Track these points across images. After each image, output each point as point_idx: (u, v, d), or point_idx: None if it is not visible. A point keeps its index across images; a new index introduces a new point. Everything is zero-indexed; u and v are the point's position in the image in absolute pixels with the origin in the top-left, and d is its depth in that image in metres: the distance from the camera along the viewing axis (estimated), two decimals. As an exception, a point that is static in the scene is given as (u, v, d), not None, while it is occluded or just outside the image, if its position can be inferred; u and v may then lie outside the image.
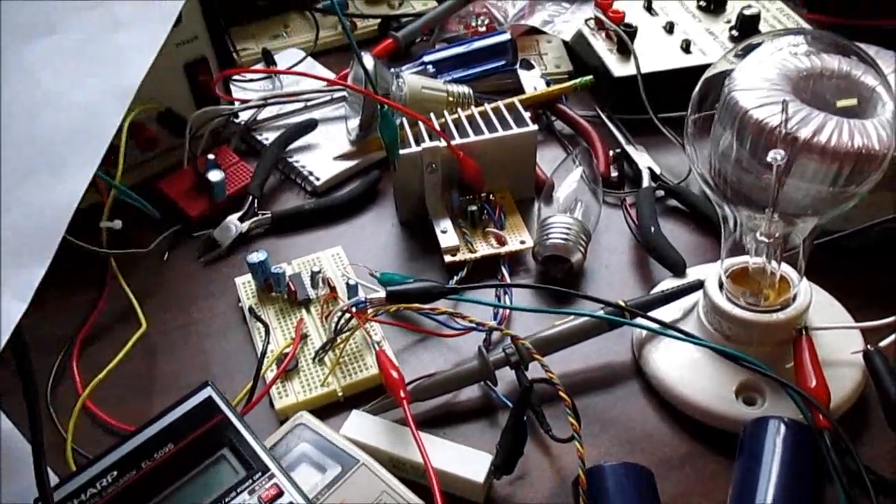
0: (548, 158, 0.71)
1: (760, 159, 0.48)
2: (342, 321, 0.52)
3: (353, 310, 0.52)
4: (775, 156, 0.44)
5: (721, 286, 0.51)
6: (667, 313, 0.53)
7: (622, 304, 0.52)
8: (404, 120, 0.64)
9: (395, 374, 0.48)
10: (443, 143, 0.61)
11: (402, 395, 0.46)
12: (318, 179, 0.69)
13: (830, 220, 0.51)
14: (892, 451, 0.47)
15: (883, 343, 0.48)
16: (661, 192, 0.66)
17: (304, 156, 0.71)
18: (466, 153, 0.61)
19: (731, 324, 0.49)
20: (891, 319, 0.49)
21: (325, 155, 0.71)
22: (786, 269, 0.50)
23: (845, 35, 0.68)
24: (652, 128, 0.70)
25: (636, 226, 0.63)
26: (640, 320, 0.51)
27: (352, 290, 0.55)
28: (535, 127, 0.63)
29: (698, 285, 0.53)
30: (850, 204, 0.47)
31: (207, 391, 0.45)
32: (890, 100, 0.49)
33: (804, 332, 0.49)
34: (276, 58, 0.82)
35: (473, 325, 0.53)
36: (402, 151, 0.61)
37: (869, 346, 0.47)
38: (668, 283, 0.57)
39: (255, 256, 0.57)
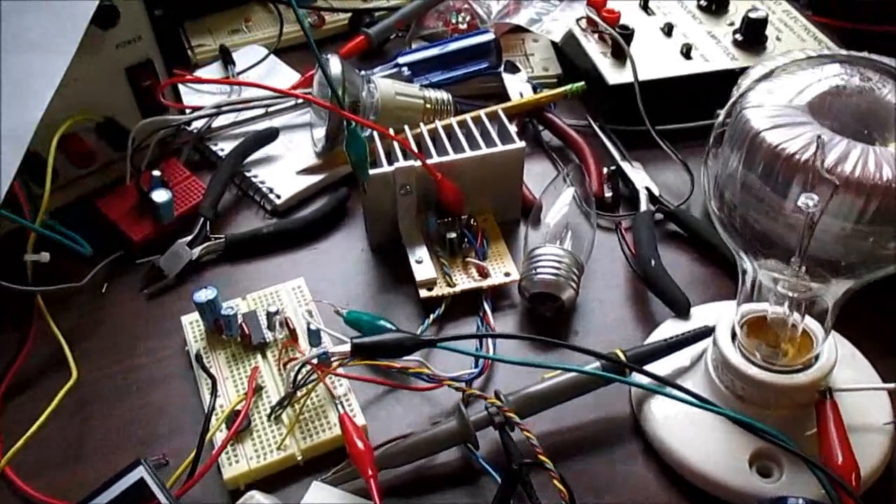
0: (534, 173, 0.64)
1: (775, 188, 0.42)
2: (302, 375, 0.46)
3: (315, 362, 0.45)
4: (807, 201, 0.38)
5: (734, 336, 0.45)
6: (671, 362, 0.47)
7: (620, 354, 0.46)
8: (375, 134, 0.57)
9: (360, 444, 0.41)
10: (418, 163, 0.54)
11: (370, 472, 0.40)
12: (278, 197, 0.61)
13: (842, 253, 0.45)
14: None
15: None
16: (659, 215, 0.60)
17: (263, 170, 0.64)
18: (445, 173, 0.54)
19: (745, 384, 0.43)
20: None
21: (287, 168, 0.64)
22: (810, 324, 0.43)
23: (850, 41, 0.62)
24: (649, 141, 0.64)
25: (633, 255, 0.56)
26: (638, 376, 0.45)
27: (313, 335, 0.49)
28: (523, 144, 0.56)
29: (706, 333, 0.47)
30: (887, 268, 0.40)
31: (139, 472, 0.39)
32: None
33: (828, 396, 0.43)
34: (236, 56, 0.74)
35: (449, 377, 0.46)
36: (372, 172, 0.54)
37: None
38: (671, 326, 0.51)
39: (203, 295, 0.50)
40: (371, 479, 0.39)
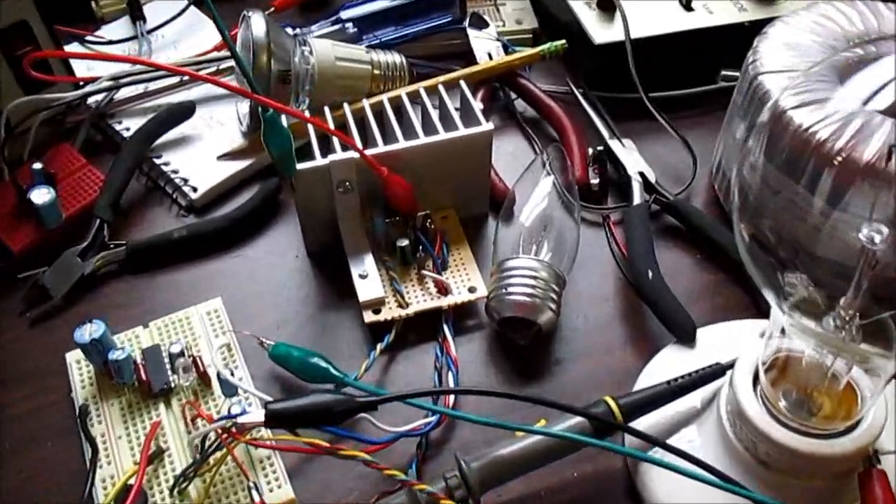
0: (505, 152, 0.54)
1: (800, 180, 0.32)
2: (210, 443, 0.36)
3: (225, 429, 0.35)
4: (872, 234, 0.28)
5: (755, 381, 0.36)
6: (677, 405, 0.38)
7: (611, 404, 0.36)
8: (305, 109, 0.46)
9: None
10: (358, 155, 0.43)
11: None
12: (194, 190, 0.51)
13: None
14: None
15: None
16: (655, 206, 0.50)
17: (176, 155, 0.52)
18: (393, 165, 0.44)
19: (769, 448, 0.34)
20: None
21: (205, 153, 0.52)
22: (858, 376, 0.34)
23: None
24: (642, 112, 0.53)
25: (624, 257, 0.47)
26: (636, 444, 0.36)
27: (226, 386, 0.39)
28: (490, 126, 0.45)
29: (719, 373, 0.38)
30: None
31: None
32: None
33: (874, 462, 0.34)
34: (148, 8, 0.61)
35: (395, 430, 0.37)
36: (301, 165, 0.43)
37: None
38: (673, 353, 0.42)
39: (87, 332, 0.39)
40: None
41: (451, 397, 0.41)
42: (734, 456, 0.36)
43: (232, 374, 0.38)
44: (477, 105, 0.47)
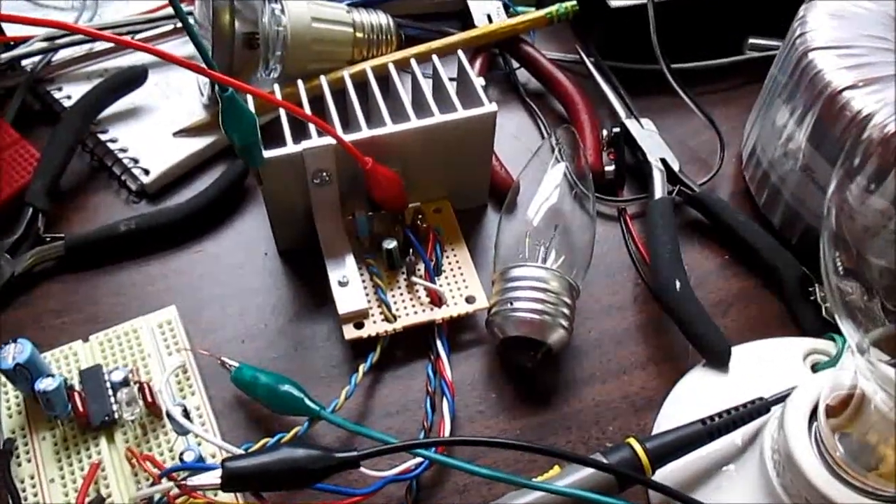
0: (506, 132, 0.47)
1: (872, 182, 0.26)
2: (158, 498, 0.30)
3: (175, 480, 0.29)
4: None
5: (811, 424, 0.30)
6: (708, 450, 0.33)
7: (636, 448, 0.30)
8: (276, 79, 0.39)
9: None
10: (336, 141, 0.36)
11: None
12: (146, 173, 0.43)
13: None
14: None
15: None
16: (678, 197, 0.43)
17: (125, 130, 0.45)
18: (379, 152, 0.37)
19: (827, 508, 0.29)
20: None
21: (160, 127, 0.45)
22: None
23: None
24: (662, 86, 0.47)
25: (644, 261, 0.41)
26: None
27: (176, 424, 0.32)
28: (494, 107, 0.38)
29: (763, 409, 0.32)
30: None
31: None
32: None
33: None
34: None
35: (386, 479, 0.31)
36: (269, 153, 0.36)
37: None
38: (702, 377, 0.36)
39: (9, 355, 0.33)
40: None
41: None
42: (772, 497, 0.30)
43: (185, 412, 0.32)
44: (478, 81, 0.40)
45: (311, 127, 0.37)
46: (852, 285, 0.26)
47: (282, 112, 0.38)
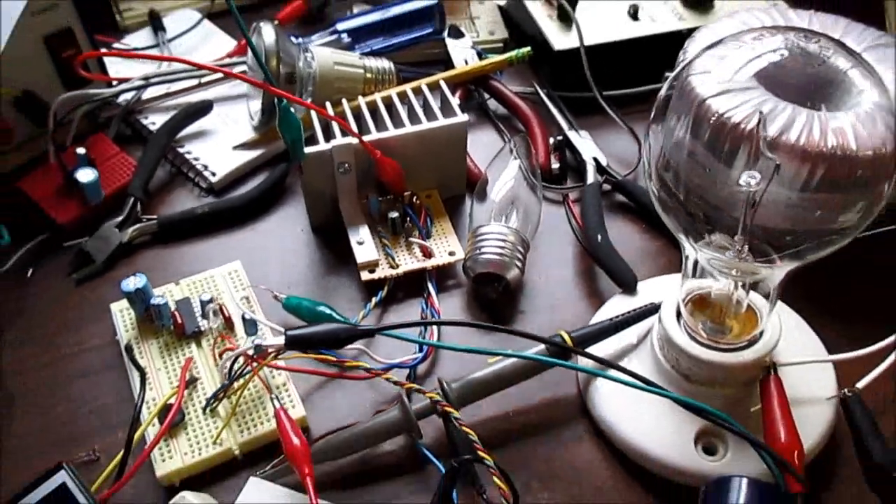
0: (481, 143, 0.62)
1: (720, 158, 0.41)
2: (236, 367, 0.44)
3: (249, 353, 0.43)
4: (749, 179, 0.37)
5: (679, 314, 0.44)
6: (618, 340, 0.47)
7: (565, 336, 0.45)
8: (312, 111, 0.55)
9: (297, 441, 0.40)
10: (356, 140, 0.51)
11: (306, 470, 0.38)
12: (214, 175, 0.59)
13: (790, 219, 0.44)
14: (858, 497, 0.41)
15: (861, 383, 0.42)
16: (607, 186, 0.58)
17: (197, 145, 0.61)
18: (385, 151, 0.52)
19: (690, 363, 0.43)
20: (869, 350, 0.43)
21: (222, 144, 0.61)
22: (754, 297, 0.43)
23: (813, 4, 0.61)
24: (596, 108, 0.62)
25: (580, 228, 0.55)
26: (585, 362, 0.44)
27: (249, 325, 0.47)
28: (465, 118, 0.54)
29: (652, 311, 0.46)
30: (843, 241, 0.39)
31: (61, 476, 0.37)
32: (870, 87, 0.42)
33: (772, 372, 0.42)
34: (167, 21, 0.70)
35: (391, 364, 0.45)
36: (308, 150, 0.51)
37: (847, 391, 0.41)
38: (618, 302, 0.50)
39: (132, 283, 0.47)
40: (307, 477, 0.38)
41: (435, 337, 0.49)
42: (663, 373, 0.44)
43: (253, 314, 0.46)
44: (454, 101, 0.55)
45: (337, 131, 0.52)
46: (686, 219, 0.41)
47: (316, 124, 0.53)
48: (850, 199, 0.38)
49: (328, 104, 0.56)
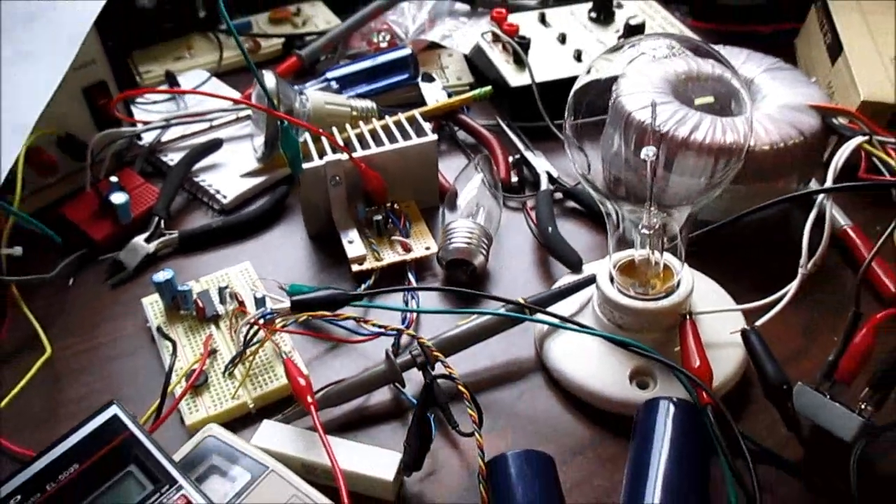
0: (452, 167, 0.73)
1: (637, 152, 0.52)
2: (250, 333, 0.53)
3: (261, 321, 0.52)
4: (647, 153, 0.48)
5: (612, 280, 0.54)
6: (564, 308, 0.56)
7: (521, 301, 0.54)
8: (308, 136, 0.66)
9: (302, 381, 0.49)
10: (345, 157, 0.62)
11: (310, 400, 0.47)
12: (225, 197, 0.69)
13: (707, 209, 0.55)
14: (771, 424, 0.50)
15: (758, 322, 0.51)
16: (559, 195, 0.69)
17: (210, 175, 0.71)
18: (369, 165, 0.63)
19: (621, 313, 0.52)
20: (766, 300, 0.52)
21: (231, 173, 0.72)
22: (669, 258, 0.53)
23: (725, 40, 0.73)
24: (549, 134, 0.73)
25: (536, 227, 0.65)
26: (539, 315, 0.54)
27: (259, 303, 0.56)
28: (435, 137, 0.65)
29: (592, 280, 0.56)
30: (716, 192, 0.50)
31: (113, 409, 0.45)
32: (746, 99, 0.53)
33: (688, 317, 0.52)
34: (180, 79, 0.82)
35: (380, 329, 0.54)
36: (305, 165, 0.62)
37: (746, 328, 0.51)
38: (566, 280, 0.60)
39: (161, 275, 0.57)
40: (311, 406, 0.47)
41: (415, 315, 0.58)
42: (602, 326, 0.54)
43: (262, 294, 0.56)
44: (427, 126, 0.67)
45: (329, 150, 0.63)
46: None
47: (311, 146, 0.64)
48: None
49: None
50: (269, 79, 0.68)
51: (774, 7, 0.89)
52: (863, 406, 0.46)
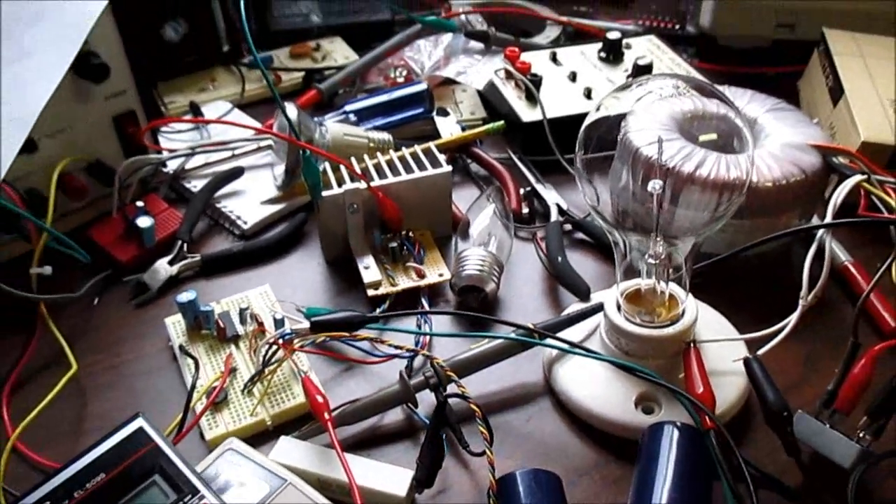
0: (465, 198, 0.75)
1: (645, 186, 0.54)
2: (269, 353, 0.55)
3: (280, 341, 0.55)
4: (654, 186, 0.50)
5: (619, 307, 0.56)
6: (572, 335, 0.58)
7: (531, 326, 0.56)
8: (327, 165, 0.68)
9: (320, 398, 0.51)
10: (363, 185, 0.65)
11: (327, 416, 0.49)
12: (245, 223, 0.72)
13: (711, 242, 0.57)
14: (772, 450, 0.52)
15: (760, 351, 0.53)
16: (568, 226, 0.71)
17: (231, 201, 0.74)
18: (386, 194, 0.65)
19: (628, 340, 0.54)
20: (768, 330, 0.54)
21: (252, 200, 0.74)
22: (674, 288, 0.55)
23: (731, 81, 0.76)
24: (559, 167, 0.76)
25: (545, 257, 0.68)
26: (548, 340, 0.55)
27: (278, 323, 0.58)
28: (450, 168, 0.68)
29: (599, 308, 0.58)
30: (719, 224, 0.53)
31: (139, 421, 0.47)
32: (749, 137, 0.56)
33: (692, 345, 0.54)
34: (204, 110, 0.85)
35: (394, 350, 0.56)
36: (324, 193, 0.64)
37: (748, 355, 0.52)
38: (575, 308, 0.62)
39: (185, 296, 0.59)
40: (329, 422, 0.49)
41: (428, 338, 0.60)
42: (608, 352, 0.56)
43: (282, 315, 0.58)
44: (441, 157, 0.69)
45: (347, 178, 0.65)
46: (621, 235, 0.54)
47: (330, 176, 0.67)
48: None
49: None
50: (292, 110, 0.71)
51: (778, 50, 0.92)
52: (861, 434, 0.48)
